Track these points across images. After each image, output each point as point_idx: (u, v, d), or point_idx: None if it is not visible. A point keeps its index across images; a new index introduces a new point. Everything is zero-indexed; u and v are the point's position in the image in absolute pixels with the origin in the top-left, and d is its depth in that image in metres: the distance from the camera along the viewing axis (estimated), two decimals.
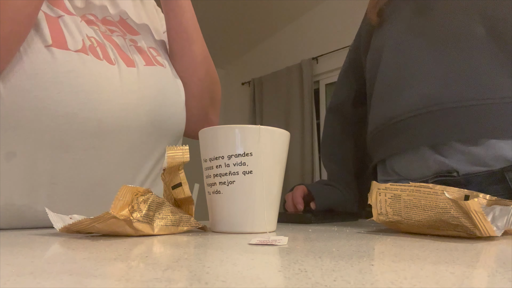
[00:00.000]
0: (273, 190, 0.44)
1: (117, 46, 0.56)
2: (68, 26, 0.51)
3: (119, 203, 0.37)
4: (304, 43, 3.21)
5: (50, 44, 0.48)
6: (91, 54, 0.51)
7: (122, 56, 0.56)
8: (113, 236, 0.37)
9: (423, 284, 0.18)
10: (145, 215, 0.38)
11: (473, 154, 0.59)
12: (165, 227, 0.39)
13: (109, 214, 0.34)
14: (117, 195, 0.37)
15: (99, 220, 0.34)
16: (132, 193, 0.38)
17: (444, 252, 0.29)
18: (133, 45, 0.59)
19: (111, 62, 0.53)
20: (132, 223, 0.36)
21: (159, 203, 0.40)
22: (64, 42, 0.49)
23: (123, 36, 0.59)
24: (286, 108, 3.24)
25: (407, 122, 0.63)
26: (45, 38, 0.48)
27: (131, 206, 0.37)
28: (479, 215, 0.35)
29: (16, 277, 0.19)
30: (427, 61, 0.63)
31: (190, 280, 0.19)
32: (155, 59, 0.61)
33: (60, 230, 0.37)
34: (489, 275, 0.21)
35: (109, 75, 0.52)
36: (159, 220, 0.39)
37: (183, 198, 0.44)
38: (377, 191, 0.42)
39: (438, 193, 0.37)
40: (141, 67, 0.57)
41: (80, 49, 0.50)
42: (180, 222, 0.41)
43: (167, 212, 0.40)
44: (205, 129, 0.44)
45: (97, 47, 0.53)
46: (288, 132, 0.46)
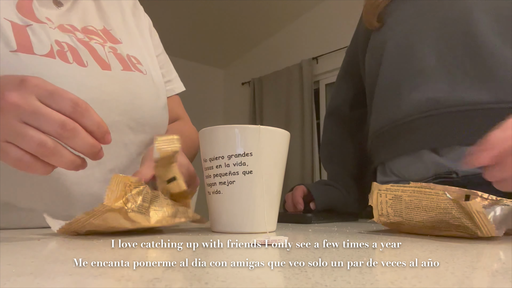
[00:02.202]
0: (273, 190, 0.44)
1: (94, 51, 0.57)
2: (36, 33, 0.52)
3: (113, 194, 0.36)
4: (304, 43, 3.21)
5: (15, 49, 0.49)
6: (58, 58, 0.52)
7: (98, 60, 0.57)
8: (113, 236, 0.37)
9: (423, 284, 0.18)
10: (140, 206, 0.37)
11: None
12: (162, 218, 0.39)
13: (104, 206, 0.33)
14: (109, 186, 0.36)
15: (95, 215, 0.34)
16: (124, 184, 0.37)
17: (444, 252, 0.29)
18: (112, 52, 0.60)
19: (83, 64, 0.54)
20: (127, 214, 0.35)
21: (154, 196, 0.39)
22: (30, 47, 0.50)
23: (103, 44, 0.60)
24: (286, 108, 3.23)
25: (410, 125, 0.63)
26: (10, 44, 0.49)
27: (125, 198, 0.37)
28: (481, 215, 0.35)
29: (16, 277, 0.19)
30: (431, 63, 0.63)
31: (190, 280, 0.19)
32: (134, 66, 0.62)
33: (57, 231, 0.37)
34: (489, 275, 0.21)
35: (78, 77, 0.53)
36: (154, 211, 0.39)
37: (178, 192, 0.43)
38: (377, 192, 0.42)
39: (439, 193, 0.37)
40: (117, 71, 0.58)
41: (47, 54, 0.51)
42: (177, 214, 0.41)
43: (162, 204, 0.40)
44: (205, 129, 0.44)
45: (67, 51, 0.54)
46: (288, 132, 0.46)
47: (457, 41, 0.62)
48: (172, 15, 3.04)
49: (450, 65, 0.61)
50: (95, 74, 0.55)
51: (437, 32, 0.64)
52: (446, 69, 0.61)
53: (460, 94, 0.59)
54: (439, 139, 0.60)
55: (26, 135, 0.32)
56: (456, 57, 0.61)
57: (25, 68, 0.49)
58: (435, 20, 0.65)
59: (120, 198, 0.37)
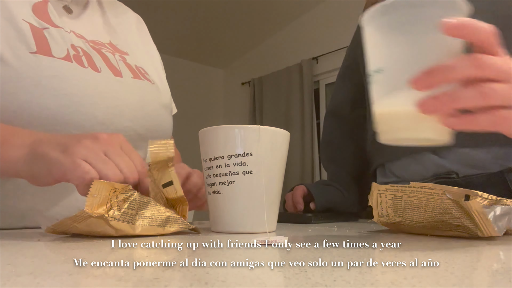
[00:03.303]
0: (273, 190, 0.44)
1: (106, 58, 0.58)
2: (53, 36, 0.53)
3: (94, 200, 0.35)
4: (304, 43, 3.21)
5: (35, 51, 0.50)
6: (75, 62, 0.53)
7: (110, 67, 0.58)
8: (113, 236, 0.37)
9: (423, 284, 0.18)
10: (124, 213, 0.35)
11: (473, 157, 0.58)
12: (149, 227, 0.37)
13: (85, 213, 0.33)
14: (90, 191, 0.35)
15: (78, 220, 0.33)
16: (107, 190, 0.35)
17: (444, 252, 0.29)
18: (122, 60, 0.61)
19: (97, 70, 0.55)
20: (108, 221, 0.34)
21: (143, 202, 0.38)
22: (48, 49, 0.51)
23: (113, 52, 0.61)
24: (286, 108, 3.23)
25: None
26: (30, 46, 0.50)
27: (110, 204, 0.35)
28: (481, 215, 0.35)
29: (16, 277, 0.19)
30: None
31: (190, 280, 0.19)
32: (143, 75, 0.63)
33: (45, 231, 0.36)
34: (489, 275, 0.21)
35: (93, 81, 0.54)
36: (141, 219, 0.37)
37: (175, 198, 0.42)
38: (377, 193, 0.42)
39: (439, 193, 0.37)
40: (128, 78, 0.59)
41: (64, 57, 0.52)
42: (168, 223, 0.39)
43: (152, 211, 0.38)
44: (205, 129, 0.44)
45: (82, 56, 0.55)
46: (288, 132, 0.46)
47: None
48: (172, 15, 3.04)
49: None
50: (108, 80, 0.56)
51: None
52: None
53: None
54: None
55: (108, 163, 0.38)
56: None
57: (44, 70, 0.50)
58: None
59: (104, 204, 0.35)
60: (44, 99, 0.49)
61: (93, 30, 0.62)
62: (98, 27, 0.64)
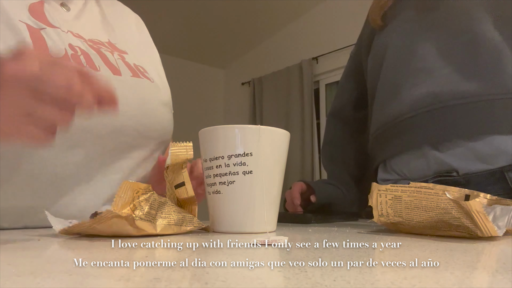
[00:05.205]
0: (273, 190, 0.44)
1: (104, 57, 0.58)
2: (50, 36, 0.53)
3: (120, 200, 0.36)
4: (304, 43, 3.21)
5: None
6: (73, 61, 0.53)
7: (109, 66, 0.58)
8: (113, 236, 0.37)
9: (423, 284, 0.18)
10: (147, 213, 0.37)
11: (474, 150, 0.59)
12: (168, 226, 0.39)
13: (111, 213, 0.33)
14: (118, 192, 0.36)
15: (101, 221, 0.34)
16: (133, 190, 0.37)
17: (444, 252, 0.29)
18: (121, 59, 0.61)
19: (96, 68, 0.55)
20: (134, 221, 0.35)
21: (161, 202, 0.39)
22: (46, 49, 0.51)
23: (111, 51, 0.61)
24: (286, 108, 3.23)
25: (411, 121, 0.64)
26: (27, 46, 0.50)
27: (133, 205, 0.37)
28: (481, 215, 0.35)
29: (16, 277, 0.19)
30: (431, 61, 0.63)
31: (190, 280, 0.19)
32: (142, 74, 0.63)
33: (59, 232, 0.37)
34: (489, 275, 0.21)
35: None
36: (161, 219, 0.38)
37: (186, 198, 0.43)
38: (377, 193, 0.42)
39: (439, 193, 0.37)
40: (127, 77, 0.59)
41: (62, 57, 0.52)
42: (183, 222, 0.41)
43: (169, 211, 0.40)
44: (205, 129, 0.44)
45: (81, 55, 0.55)
46: (288, 132, 0.46)
47: (458, 39, 0.62)
48: (173, 15, 3.04)
49: (451, 62, 0.62)
50: (107, 79, 0.56)
51: (438, 31, 0.65)
52: (446, 67, 0.62)
53: (460, 87, 0.60)
54: (439, 134, 0.61)
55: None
56: (457, 54, 0.62)
57: None
58: (436, 20, 0.65)
59: (128, 204, 0.36)
60: None
61: (91, 29, 0.62)
62: (97, 26, 0.64)
